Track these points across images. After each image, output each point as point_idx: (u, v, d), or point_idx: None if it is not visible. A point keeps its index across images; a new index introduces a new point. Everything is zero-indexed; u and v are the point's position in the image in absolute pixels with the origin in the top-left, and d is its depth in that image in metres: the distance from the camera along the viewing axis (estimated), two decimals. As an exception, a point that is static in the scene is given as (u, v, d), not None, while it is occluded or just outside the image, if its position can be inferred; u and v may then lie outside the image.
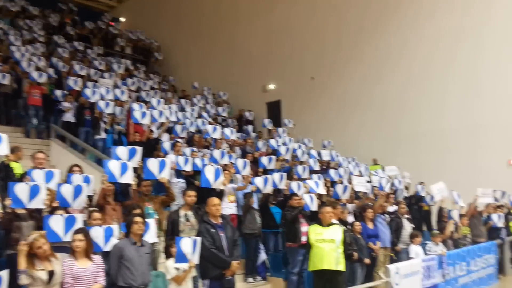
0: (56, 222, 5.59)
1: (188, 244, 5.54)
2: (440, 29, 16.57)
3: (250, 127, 17.03)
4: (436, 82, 16.54)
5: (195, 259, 5.61)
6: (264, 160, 11.54)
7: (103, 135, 11.90)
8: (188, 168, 9.79)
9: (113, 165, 6.74)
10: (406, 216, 10.03)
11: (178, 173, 9.96)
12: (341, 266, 6.77)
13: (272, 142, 14.14)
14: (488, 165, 14.89)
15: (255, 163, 11.85)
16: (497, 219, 11.49)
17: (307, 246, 7.19)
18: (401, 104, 17.28)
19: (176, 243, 5.53)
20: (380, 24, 18.10)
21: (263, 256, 8.97)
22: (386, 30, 17.91)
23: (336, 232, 6.87)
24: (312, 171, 12.32)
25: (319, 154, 14.52)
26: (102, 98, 12.54)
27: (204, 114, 15.89)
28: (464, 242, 10.31)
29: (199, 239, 5.70)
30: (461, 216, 10.76)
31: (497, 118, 15.05)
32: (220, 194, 8.43)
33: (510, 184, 13.56)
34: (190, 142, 12.68)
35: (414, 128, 16.83)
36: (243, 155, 12.71)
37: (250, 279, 8.73)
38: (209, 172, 8.21)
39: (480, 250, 10.20)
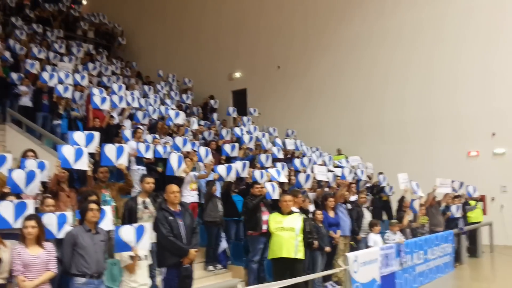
0: (6, 208, 5.36)
1: (130, 232, 5.36)
2: (403, 21, 16.84)
3: (214, 115, 16.88)
4: (399, 74, 16.78)
5: (142, 246, 5.44)
6: (227, 147, 11.45)
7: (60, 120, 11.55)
8: (149, 155, 9.60)
9: (67, 151, 6.51)
10: (365, 205, 10.15)
11: (139, 160, 9.75)
12: (300, 254, 6.79)
13: (237, 130, 14.05)
14: (448, 156, 15.27)
15: (219, 151, 11.75)
16: (455, 210, 11.77)
17: (268, 235, 7.17)
18: (365, 95, 17.49)
19: (114, 232, 5.35)
20: (346, 15, 18.24)
21: (224, 244, 8.92)
22: (352, 21, 18.05)
23: (295, 221, 6.88)
24: (276, 159, 12.31)
25: (283, 143, 14.52)
26: (61, 82, 12.15)
27: (168, 101, 15.62)
28: (422, 231, 10.50)
29: (147, 225, 5.53)
30: (420, 205, 10.96)
31: (458, 110, 15.42)
32: (180, 182, 8.31)
33: (469, 175, 13.95)
34: (153, 129, 12.45)
35: (378, 118, 17.08)
36: (206, 143, 12.59)
37: (211, 267, 8.67)
38: (173, 160, 8.10)
39: (437, 239, 10.43)
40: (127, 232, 5.34)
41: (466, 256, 12.21)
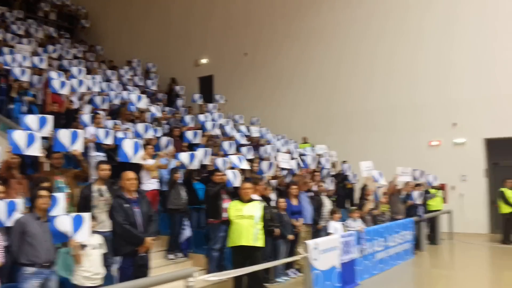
0: (-50, 196, 5.13)
1: (66, 222, 5.16)
2: (369, 10, 16.90)
3: (179, 102, 16.64)
4: (365, 63, 16.87)
5: (80, 236, 5.23)
6: (189, 134, 11.28)
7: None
8: (108, 141, 9.33)
9: (18, 136, 6.26)
10: (325, 193, 10.19)
11: (99, 146, 9.48)
12: (259, 242, 6.74)
13: (201, 117, 13.86)
14: (410, 145, 15.49)
15: (182, 137, 11.57)
16: (417, 196, 11.93)
17: (229, 223, 7.10)
18: (332, 83, 17.52)
19: (50, 223, 5.16)
20: (314, 4, 18.19)
21: (187, 232, 8.79)
22: (320, 10, 18.02)
23: (255, 209, 6.82)
24: (240, 145, 12.22)
25: (249, 130, 14.42)
26: (20, 65, 11.71)
27: (130, 87, 15.25)
28: (383, 218, 10.60)
29: (86, 214, 5.35)
30: (383, 194, 11.09)
31: (421, 101, 15.61)
32: (139, 169, 8.13)
33: (430, 164, 14.21)
34: (115, 114, 12.13)
35: (345, 107, 17.15)
36: (169, 129, 12.38)
37: (171, 256, 8.54)
38: (128, 146, 7.89)
39: (397, 227, 10.56)
40: (62, 222, 5.14)
41: (426, 243, 12.43)
